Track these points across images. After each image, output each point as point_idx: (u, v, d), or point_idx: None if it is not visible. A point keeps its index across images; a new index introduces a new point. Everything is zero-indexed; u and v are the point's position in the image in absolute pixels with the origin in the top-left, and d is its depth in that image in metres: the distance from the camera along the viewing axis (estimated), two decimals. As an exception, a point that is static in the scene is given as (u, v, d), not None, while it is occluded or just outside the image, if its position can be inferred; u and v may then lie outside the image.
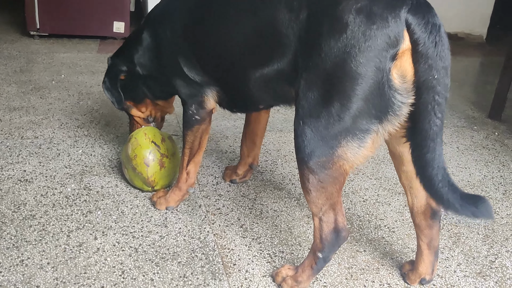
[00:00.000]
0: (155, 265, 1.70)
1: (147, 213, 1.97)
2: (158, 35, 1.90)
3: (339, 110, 1.38)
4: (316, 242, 1.58)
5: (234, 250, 1.81)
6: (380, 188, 2.32)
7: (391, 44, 1.33)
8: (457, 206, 1.37)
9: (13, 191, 2.03)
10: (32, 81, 3.23)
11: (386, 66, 1.33)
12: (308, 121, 1.43)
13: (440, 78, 1.35)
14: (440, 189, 1.39)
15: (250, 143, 2.18)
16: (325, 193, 1.49)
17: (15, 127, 2.58)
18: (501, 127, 3.14)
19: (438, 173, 1.39)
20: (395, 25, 1.32)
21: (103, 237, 1.81)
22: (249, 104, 1.85)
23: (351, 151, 1.42)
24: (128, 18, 4.24)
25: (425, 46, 1.33)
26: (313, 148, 1.43)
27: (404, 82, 1.36)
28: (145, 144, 2.02)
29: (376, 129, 1.40)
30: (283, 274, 1.65)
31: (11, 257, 1.67)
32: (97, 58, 3.82)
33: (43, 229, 1.82)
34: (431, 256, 1.68)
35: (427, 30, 1.33)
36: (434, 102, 1.36)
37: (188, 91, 1.85)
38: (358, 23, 1.33)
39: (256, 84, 1.65)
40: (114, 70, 2.07)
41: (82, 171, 2.22)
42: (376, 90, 1.35)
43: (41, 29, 4.06)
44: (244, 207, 2.08)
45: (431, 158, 1.39)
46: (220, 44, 1.70)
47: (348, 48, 1.33)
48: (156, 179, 2.03)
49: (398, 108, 1.37)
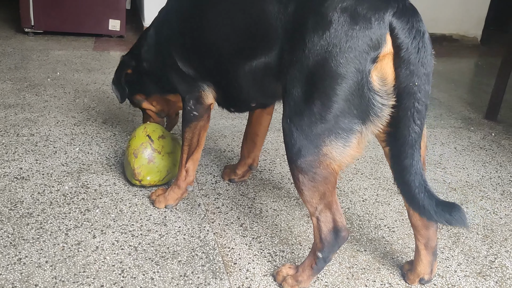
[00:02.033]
0: (155, 264, 1.68)
1: (146, 212, 1.95)
2: (159, 32, 1.93)
3: (320, 108, 1.37)
4: (316, 242, 1.57)
5: (234, 249, 1.80)
6: (379, 188, 2.31)
7: (372, 47, 1.32)
8: (432, 213, 1.38)
9: (10, 189, 2.00)
10: (27, 78, 3.20)
11: (366, 68, 1.32)
12: (294, 119, 1.42)
13: (421, 84, 1.34)
14: (416, 195, 1.39)
15: (250, 144, 2.17)
16: (317, 192, 1.48)
17: (10, 124, 2.55)
18: (497, 127, 3.15)
19: (415, 179, 1.39)
20: (378, 27, 1.31)
21: (102, 236, 1.79)
22: (240, 101, 1.84)
23: (336, 150, 1.41)
24: (124, 16, 4.22)
25: (407, 52, 1.32)
26: (299, 147, 1.43)
27: (384, 85, 1.35)
28: (140, 136, 2.03)
29: (359, 129, 1.39)
30: (284, 273, 1.64)
31: (9, 255, 1.65)
32: (93, 56, 3.79)
33: (41, 227, 1.80)
34: (429, 256, 1.67)
35: (411, 36, 1.32)
36: (414, 108, 1.35)
37: (185, 86, 1.85)
38: (342, 22, 1.32)
39: (246, 79, 1.64)
40: (122, 65, 2.10)
41: (80, 169, 2.20)
42: (356, 91, 1.34)
43: (36, 26, 4.03)
44: (243, 206, 2.06)
45: (408, 164, 1.39)
46: (210, 37, 1.70)
47: (330, 47, 1.33)
48: (142, 172, 2.01)
49: (379, 109, 1.37)
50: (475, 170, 2.57)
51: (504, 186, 2.43)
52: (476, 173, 2.54)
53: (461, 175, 2.51)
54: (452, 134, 2.99)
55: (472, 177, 2.50)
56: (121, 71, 2.09)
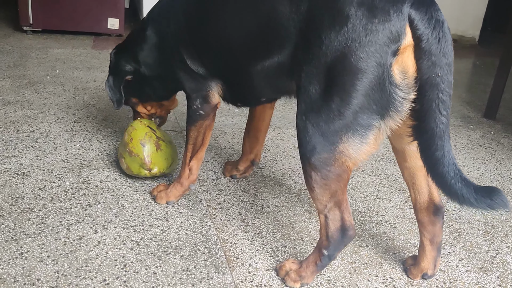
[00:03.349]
0: (157, 259, 1.67)
1: (147, 207, 1.95)
2: (162, 29, 1.88)
3: (339, 105, 1.36)
4: (322, 239, 1.56)
5: (236, 244, 1.80)
6: (380, 184, 2.32)
7: (392, 39, 1.30)
8: (472, 201, 1.35)
9: (10, 184, 2.00)
10: (26, 75, 3.19)
11: (387, 61, 1.31)
12: (310, 116, 1.41)
13: (444, 75, 1.32)
14: (453, 186, 1.36)
15: (253, 139, 2.16)
16: (329, 190, 1.47)
17: (10, 121, 2.54)
18: (496, 126, 3.17)
19: (449, 170, 1.36)
20: (397, 19, 1.29)
21: (104, 231, 1.79)
22: (251, 97, 1.83)
23: (353, 148, 1.39)
24: (122, 15, 4.21)
25: (428, 43, 1.31)
26: (314, 144, 1.41)
27: (406, 78, 1.33)
28: (141, 128, 2.05)
29: (378, 125, 1.38)
30: (286, 268, 1.64)
31: (10, 250, 1.64)
32: (92, 54, 3.78)
33: (42, 222, 1.79)
34: (434, 252, 1.67)
35: (430, 26, 1.30)
36: (438, 100, 1.33)
37: (193, 85, 1.82)
38: (360, 16, 1.30)
39: (257, 76, 1.63)
40: (119, 69, 2.04)
41: (80, 165, 2.19)
42: (377, 86, 1.33)
43: (34, 24, 4.02)
44: (245, 202, 2.06)
45: (440, 156, 1.37)
46: (220, 36, 1.68)
47: (349, 42, 1.31)
48: (153, 159, 2.01)
49: (399, 104, 1.35)
50: (475, 167, 2.58)
51: (503, 183, 2.44)
52: (476, 171, 2.55)
53: (461, 172, 2.51)
54: (452, 132, 3.00)
55: (472, 174, 2.51)
56: (120, 77, 2.03)
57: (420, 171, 1.59)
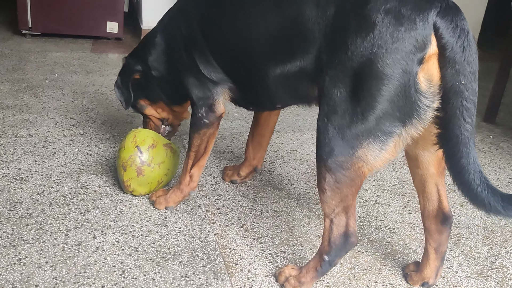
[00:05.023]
0: (156, 265, 1.67)
1: (146, 213, 1.94)
2: (173, 35, 1.86)
3: (364, 109, 1.36)
4: (323, 245, 1.56)
5: (235, 250, 1.79)
6: (379, 189, 2.31)
7: (418, 48, 1.31)
8: (499, 209, 1.34)
9: (9, 189, 1.99)
10: (24, 79, 3.18)
11: (413, 69, 1.31)
12: (332, 118, 1.40)
13: (468, 83, 1.32)
14: (479, 194, 1.36)
15: (256, 145, 2.16)
16: (340, 194, 1.46)
17: (8, 125, 2.53)
18: (496, 130, 3.17)
19: (475, 178, 1.36)
20: (423, 28, 1.30)
21: (102, 236, 1.78)
22: (267, 102, 1.81)
23: (371, 153, 1.39)
24: (121, 19, 4.21)
25: (452, 51, 1.31)
26: (333, 146, 1.41)
27: (431, 86, 1.34)
28: (129, 147, 1.95)
29: (399, 132, 1.38)
30: (286, 274, 1.64)
31: (8, 255, 1.64)
32: (91, 58, 3.78)
33: (41, 228, 1.78)
34: (437, 261, 1.67)
35: (455, 35, 1.31)
36: (462, 107, 1.32)
37: (200, 93, 1.81)
38: (386, 23, 1.31)
39: (276, 81, 1.62)
40: (128, 69, 2.05)
41: (79, 170, 2.19)
42: (402, 93, 1.33)
43: (33, 28, 4.01)
44: (244, 207, 2.06)
45: (465, 163, 1.36)
46: (239, 39, 1.67)
47: (375, 48, 1.32)
48: (132, 184, 1.97)
49: (423, 111, 1.35)
50: (474, 172, 2.58)
51: (503, 188, 2.43)
52: (475, 175, 2.54)
53: (460, 177, 2.51)
54: (451, 137, 2.99)
55: (471, 179, 2.50)
56: (128, 76, 2.04)
57: (431, 178, 1.59)
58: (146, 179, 1.98)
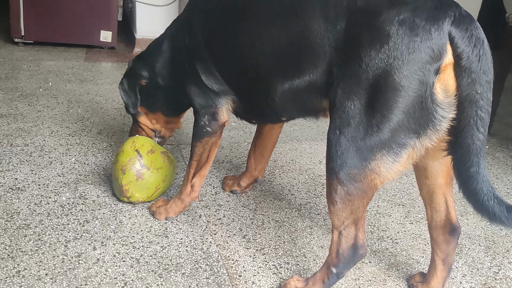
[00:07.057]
0: (158, 277, 1.64)
1: (146, 223, 1.91)
2: (178, 43, 1.85)
3: (379, 121, 1.34)
4: (331, 257, 1.53)
5: (238, 261, 1.76)
6: (380, 199, 2.30)
7: (434, 58, 1.30)
8: (503, 219, 1.35)
9: (5, 200, 1.95)
10: (18, 88, 3.14)
11: (430, 80, 1.30)
12: (345, 131, 1.38)
13: (483, 92, 1.31)
14: (485, 203, 1.35)
15: (259, 156, 2.14)
16: (350, 207, 1.44)
17: (3, 134, 2.49)
18: (491, 140, 3.19)
19: (482, 187, 1.35)
20: (438, 38, 1.29)
21: (102, 248, 1.74)
22: (272, 115, 1.77)
23: (384, 166, 1.38)
24: (115, 28, 4.19)
25: (468, 60, 1.30)
26: (345, 158, 1.39)
27: (448, 97, 1.32)
28: (128, 151, 1.94)
29: (413, 144, 1.36)
30: (292, 286, 1.61)
31: (7, 267, 1.59)
32: (84, 66, 3.74)
33: (39, 239, 1.74)
34: (445, 272, 1.65)
35: (471, 44, 1.30)
36: (476, 116, 1.31)
37: (203, 101, 1.79)
38: (401, 34, 1.30)
39: (284, 95, 1.59)
40: (135, 73, 2.02)
41: (77, 180, 2.15)
42: (418, 104, 1.32)
43: (26, 36, 3.97)
44: (245, 217, 2.03)
45: (475, 172, 1.35)
46: (244, 54, 1.63)
47: (391, 59, 1.30)
48: (130, 189, 1.94)
49: (438, 122, 1.34)
50: (472, 182, 2.58)
51: (501, 198, 2.44)
52: (474, 185, 2.54)
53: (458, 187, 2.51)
54: (447, 147, 3.01)
55: (470, 189, 2.50)
56: (135, 80, 2.01)
57: (439, 189, 1.58)
58: (144, 183, 1.95)
